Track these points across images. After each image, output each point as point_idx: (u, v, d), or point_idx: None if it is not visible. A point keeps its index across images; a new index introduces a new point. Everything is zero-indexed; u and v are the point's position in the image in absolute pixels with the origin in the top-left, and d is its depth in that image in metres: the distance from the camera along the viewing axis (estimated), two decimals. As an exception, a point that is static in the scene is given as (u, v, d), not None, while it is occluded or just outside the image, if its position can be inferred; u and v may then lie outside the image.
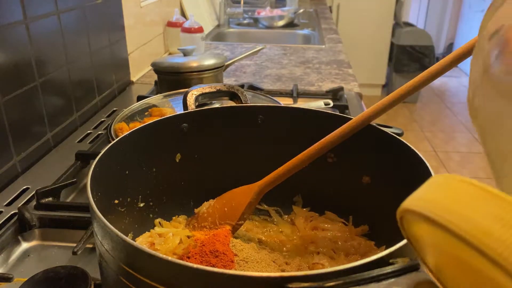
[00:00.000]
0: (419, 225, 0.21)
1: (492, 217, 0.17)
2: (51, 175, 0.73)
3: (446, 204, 0.19)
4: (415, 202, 0.20)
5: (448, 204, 0.19)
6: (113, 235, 0.33)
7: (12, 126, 0.72)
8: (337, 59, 1.49)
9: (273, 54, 1.55)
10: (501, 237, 0.16)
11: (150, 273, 0.32)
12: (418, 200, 0.20)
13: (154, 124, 0.52)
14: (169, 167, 0.55)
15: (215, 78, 0.96)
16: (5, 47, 0.71)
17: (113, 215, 0.47)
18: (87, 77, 1.00)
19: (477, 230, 0.17)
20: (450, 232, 0.18)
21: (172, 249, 0.48)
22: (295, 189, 0.58)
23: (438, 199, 0.19)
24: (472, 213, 0.18)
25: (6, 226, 0.60)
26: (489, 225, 0.17)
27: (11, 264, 0.56)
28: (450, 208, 0.18)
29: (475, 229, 0.17)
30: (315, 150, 0.48)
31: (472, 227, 0.17)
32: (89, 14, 0.98)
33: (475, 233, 0.17)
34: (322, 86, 1.20)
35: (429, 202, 0.19)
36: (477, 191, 0.18)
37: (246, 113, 0.57)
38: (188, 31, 1.42)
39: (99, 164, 0.43)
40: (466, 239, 0.17)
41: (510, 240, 0.16)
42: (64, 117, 0.90)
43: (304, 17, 2.33)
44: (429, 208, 0.19)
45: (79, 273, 0.46)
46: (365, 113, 0.48)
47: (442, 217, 0.18)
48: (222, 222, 0.51)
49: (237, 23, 2.23)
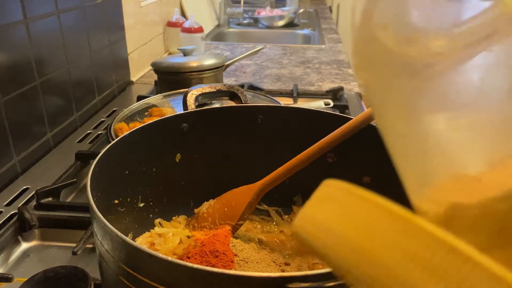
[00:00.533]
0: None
1: (403, 254, 0.12)
2: (51, 175, 0.73)
3: (339, 232, 0.14)
4: (302, 225, 0.16)
5: (341, 232, 0.14)
6: (113, 235, 0.33)
7: (12, 126, 0.72)
8: (337, 59, 1.49)
9: (273, 54, 1.55)
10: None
11: (150, 273, 0.32)
12: (305, 222, 0.16)
13: (154, 124, 0.52)
14: (169, 167, 0.55)
15: (215, 78, 0.96)
16: (5, 47, 0.71)
17: (113, 215, 0.47)
18: (87, 77, 1.00)
19: (382, 275, 0.12)
20: (344, 271, 0.14)
21: (172, 249, 0.48)
22: (295, 189, 0.58)
23: (329, 224, 0.15)
24: (375, 248, 0.13)
25: (6, 226, 0.60)
26: (399, 267, 0.12)
27: (11, 264, 0.56)
28: (344, 238, 0.14)
29: (379, 272, 0.12)
30: (315, 150, 0.48)
31: (375, 269, 0.12)
32: (89, 14, 0.98)
33: (379, 278, 0.12)
34: (322, 86, 1.20)
35: (318, 227, 0.15)
36: (382, 213, 0.13)
37: (246, 113, 0.57)
38: (188, 31, 1.42)
39: (99, 164, 0.43)
40: (368, 284, 0.13)
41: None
42: (64, 117, 0.90)
43: (304, 17, 2.32)
44: (318, 235, 0.15)
45: (79, 273, 0.46)
46: (365, 113, 0.48)
47: (335, 252, 0.14)
48: (222, 222, 0.51)
49: (237, 23, 2.23)
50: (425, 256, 0.12)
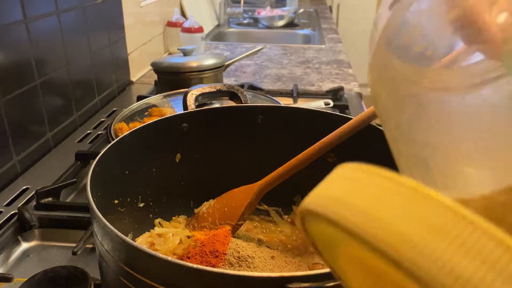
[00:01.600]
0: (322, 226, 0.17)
1: (416, 221, 0.13)
2: (51, 175, 0.73)
3: (354, 204, 0.15)
4: (317, 201, 0.16)
5: (356, 203, 0.14)
6: (113, 235, 0.33)
7: (12, 126, 0.72)
8: (337, 59, 1.48)
9: (273, 54, 1.55)
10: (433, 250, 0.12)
11: (150, 273, 0.32)
12: (320, 199, 0.16)
13: (154, 124, 0.52)
14: (169, 167, 0.55)
15: (215, 78, 0.96)
16: (4, 47, 0.71)
17: (113, 215, 0.47)
18: (87, 77, 1.00)
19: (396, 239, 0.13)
20: (359, 239, 0.14)
21: (172, 249, 0.48)
22: (295, 189, 0.58)
23: (344, 197, 0.15)
24: (389, 215, 0.13)
25: (6, 226, 0.60)
26: (413, 232, 0.13)
27: (11, 264, 0.56)
28: (359, 208, 0.14)
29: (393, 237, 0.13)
30: (315, 150, 0.48)
31: (389, 234, 0.13)
32: (89, 14, 0.98)
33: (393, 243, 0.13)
34: (322, 86, 1.20)
35: (334, 201, 0.15)
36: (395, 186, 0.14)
37: (246, 113, 0.57)
38: (188, 31, 1.42)
39: (99, 164, 0.43)
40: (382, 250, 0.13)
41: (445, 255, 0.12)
42: (64, 117, 0.90)
43: (304, 17, 2.32)
44: (333, 208, 0.15)
45: (79, 273, 0.46)
46: (365, 113, 0.48)
47: (349, 220, 0.14)
48: (222, 222, 0.51)
49: (237, 23, 2.23)
50: (433, 220, 0.13)
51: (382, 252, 0.13)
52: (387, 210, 0.14)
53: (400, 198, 0.14)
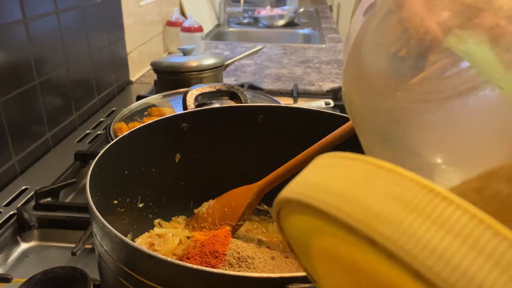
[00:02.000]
0: (297, 218, 0.17)
1: (388, 197, 0.13)
2: (50, 175, 0.73)
3: (327, 186, 0.14)
4: (291, 189, 0.16)
5: (330, 185, 0.14)
6: (112, 236, 0.33)
7: (11, 126, 0.72)
8: (337, 58, 1.48)
9: (273, 53, 1.55)
10: (403, 223, 0.12)
11: (150, 274, 0.32)
12: (294, 186, 0.16)
13: (154, 124, 0.52)
14: (168, 167, 0.55)
15: (215, 78, 0.96)
16: (4, 47, 0.70)
17: (112, 215, 0.47)
18: (86, 76, 1.00)
19: (368, 215, 0.13)
20: (333, 219, 0.14)
21: (171, 249, 0.48)
22: (295, 189, 0.58)
23: (318, 181, 0.15)
24: (361, 194, 0.13)
25: (5, 226, 0.59)
26: (385, 208, 0.13)
27: (10, 265, 0.56)
28: (332, 190, 0.14)
29: (365, 214, 0.13)
30: (315, 150, 0.48)
31: (361, 211, 0.13)
32: (89, 13, 0.98)
33: (365, 219, 0.13)
34: (323, 86, 1.19)
35: (307, 186, 0.15)
36: (367, 167, 0.14)
37: (246, 113, 0.56)
38: (188, 30, 1.42)
39: (98, 164, 0.43)
40: (354, 227, 0.13)
41: (416, 227, 0.12)
42: (63, 117, 0.89)
43: (305, 17, 2.32)
44: (307, 192, 0.15)
45: (78, 273, 0.46)
46: (366, 112, 0.48)
47: (322, 201, 0.14)
48: (222, 222, 0.51)
49: (237, 23, 2.23)
50: (409, 197, 0.13)
51: (356, 230, 0.13)
52: (361, 190, 0.14)
53: (376, 178, 0.14)
